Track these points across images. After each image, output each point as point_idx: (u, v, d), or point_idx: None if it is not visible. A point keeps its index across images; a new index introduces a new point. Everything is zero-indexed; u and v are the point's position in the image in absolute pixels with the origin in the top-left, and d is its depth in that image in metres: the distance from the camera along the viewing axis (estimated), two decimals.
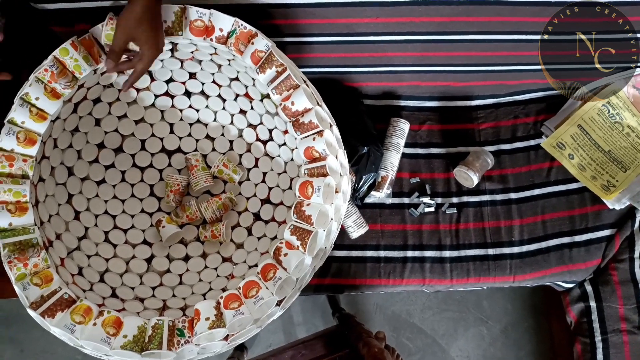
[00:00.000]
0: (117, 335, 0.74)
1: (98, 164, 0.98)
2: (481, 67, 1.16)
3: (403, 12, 1.01)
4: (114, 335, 0.74)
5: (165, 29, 0.81)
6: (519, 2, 1.02)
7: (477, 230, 1.14)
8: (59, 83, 0.78)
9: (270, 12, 1.00)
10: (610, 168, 1.17)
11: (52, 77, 0.77)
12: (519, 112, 1.23)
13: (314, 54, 1.09)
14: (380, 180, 1.11)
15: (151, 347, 0.74)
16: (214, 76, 0.99)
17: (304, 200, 0.82)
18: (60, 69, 0.77)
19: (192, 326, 0.77)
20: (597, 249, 1.15)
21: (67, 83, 0.79)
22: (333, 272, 1.09)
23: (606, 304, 1.14)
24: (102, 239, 0.95)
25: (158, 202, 1.02)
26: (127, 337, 0.74)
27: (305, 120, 0.82)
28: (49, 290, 0.75)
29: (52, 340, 1.56)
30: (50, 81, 0.77)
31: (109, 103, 0.97)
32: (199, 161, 1.02)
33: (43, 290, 0.74)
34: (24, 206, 0.76)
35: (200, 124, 1.05)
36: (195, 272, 0.96)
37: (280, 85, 0.83)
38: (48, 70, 0.77)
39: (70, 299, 0.75)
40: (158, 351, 0.74)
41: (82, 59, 0.79)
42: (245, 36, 0.83)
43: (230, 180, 1.04)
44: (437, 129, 1.21)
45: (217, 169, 1.02)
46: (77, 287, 0.82)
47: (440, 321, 1.62)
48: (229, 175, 1.02)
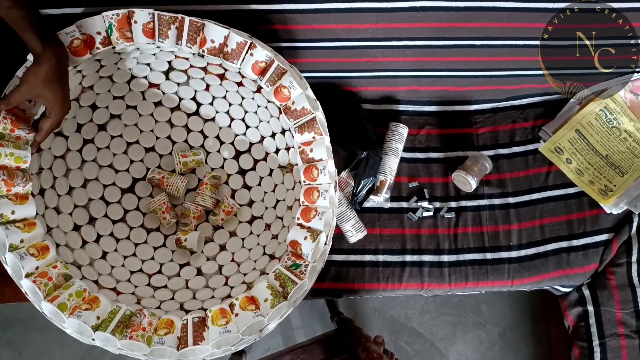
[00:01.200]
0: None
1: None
2: (479, 72, 1.16)
3: (402, 18, 1.01)
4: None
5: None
6: (516, 8, 1.03)
7: (476, 234, 1.14)
8: (17, 185, 0.75)
9: (269, 17, 1.00)
10: (607, 172, 1.18)
11: (7, 185, 0.74)
12: (517, 116, 1.23)
13: (313, 59, 1.10)
14: (379, 184, 1.11)
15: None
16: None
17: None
18: (7, 174, 0.74)
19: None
20: (594, 253, 1.15)
21: (23, 181, 0.76)
22: (332, 276, 1.09)
23: (604, 308, 1.14)
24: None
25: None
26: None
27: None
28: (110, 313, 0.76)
29: (50, 344, 1.57)
30: (9, 189, 0.75)
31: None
32: (161, 172, 1.02)
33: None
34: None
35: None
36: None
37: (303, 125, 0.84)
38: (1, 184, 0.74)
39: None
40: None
41: (15, 148, 0.75)
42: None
43: (198, 164, 1.05)
44: (435, 133, 1.21)
45: (180, 165, 1.02)
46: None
47: (438, 325, 1.62)
48: (194, 161, 1.04)
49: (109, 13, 0.81)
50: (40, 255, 0.74)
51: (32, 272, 0.73)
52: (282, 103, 0.85)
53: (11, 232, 0.72)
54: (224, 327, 0.73)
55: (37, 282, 0.71)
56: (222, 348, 0.74)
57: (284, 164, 1.02)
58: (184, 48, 0.83)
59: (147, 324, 0.74)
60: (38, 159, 0.85)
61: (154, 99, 1.03)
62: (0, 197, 0.73)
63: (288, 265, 0.81)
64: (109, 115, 0.99)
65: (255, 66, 0.84)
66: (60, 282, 0.75)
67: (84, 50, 0.81)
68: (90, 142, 0.98)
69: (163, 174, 1.01)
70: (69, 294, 0.73)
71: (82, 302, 0.74)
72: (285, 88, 0.83)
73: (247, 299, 0.77)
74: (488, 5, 1.02)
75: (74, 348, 1.54)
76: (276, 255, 0.93)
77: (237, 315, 0.75)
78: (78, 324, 0.71)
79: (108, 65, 0.90)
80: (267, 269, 0.91)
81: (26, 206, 0.76)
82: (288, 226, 0.95)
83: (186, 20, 0.81)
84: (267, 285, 0.78)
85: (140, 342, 0.72)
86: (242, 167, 1.07)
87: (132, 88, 0.99)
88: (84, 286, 0.77)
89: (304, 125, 0.84)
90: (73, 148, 0.95)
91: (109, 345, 0.74)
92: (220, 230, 1.03)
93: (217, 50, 0.84)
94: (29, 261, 0.72)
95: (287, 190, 1.00)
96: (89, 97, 0.94)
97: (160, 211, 0.99)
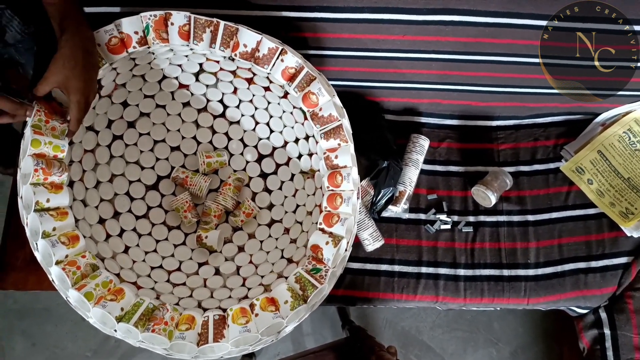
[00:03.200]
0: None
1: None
2: (503, 88, 1.17)
3: (430, 31, 1.02)
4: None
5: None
6: (544, 26, 1.03)
7: (493, 250, 1.14)
8: (54, 174, 0.77)
9: (299, 25, 1.02)
10: (629, 195, 1.17)
11: (45, 173, 0.76)
12: (539, 134, 1.23)
13: (339, 67, 1.11)
14: (398, 195, 1.12)
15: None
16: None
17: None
18: (45, 163, 0.76)
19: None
20: (613, 275, 1.14)
21: (59, 170, 0.78)
22: (347, 283, 1.10)
23: (621, 332, 1.13)
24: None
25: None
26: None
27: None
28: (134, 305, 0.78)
29: (64, 335, 1.59)
30: (46, 178, 0.76)
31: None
32: (185, 172, 1.04)
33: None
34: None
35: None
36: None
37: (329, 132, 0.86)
38: (37, 170, 0.75)
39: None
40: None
41: (53, 137, 0.77)
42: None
43: (221, 165, 1.06)
44: (456, 147, 1.21)
45: (204, 165, 1.04)
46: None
47: (449, 340, 1.61)
48: (217, 162, 1.05)
49: (147, 14, 0.83)
50: (70, 244, 0.76)
51: (62, 260, 0.74)
52: (310, 109, 0.87)
53: (45, 220, 0.74)
54: (244, 327, 0.74)
55: (66, 270, 0.73)
56: (240, 347, 0.75)
57: (306, 169, 1.03)
58: (217, 51, 0.85)
59: (169, 318, 0.76)
60: (69, 151, 0.87)
61: (183, 99, 1.05)
62: (37, 184, 0.75)
63: (308, 269, 0.81)
64: (138, 113, 1.02)
65: (285, 72, 0.86)
66: (88, 272, 0.77)
67: (120, 48, 0.83)
68: (119, 138, 1.00)
69: (187, 174, 1.03)
70: (96, 284, 0.75)
71: (108, 292, 0.76)
72: (313, 94, 0.85)
73: (268, 299, 0.78)
74: (516, 23, 1.03)
75: (87, 341, 1.55)
76: (294, 260, 0.94)
77: (257, 315, 0.76)
78: (102, 314, 0.73)
79: (142, 64, 0.93)
80: (284, 272, 0.92)
81: (60, 195, 0.78)
82: (307, 231, 0.96)
83: (221, 24, 0.83)
84: (287, 288, 0.79)
85: (162, 335, 0.73)
86: (264, 171, 1.09)
87: (163, 88, 1.02)
88: (110, 277, 0.78)
89: (330, 131, 0.85)
90: (102, 143, 0.97)
91: (130, 337, 0.75)
92: (239, 232, 1.05)
93: (249, 54, 0.85)
94: (59, 249, 0.74)
95: (308, 195, 1.01)
96: (121, 94, 0.97)
97: (182, 209, 1.01)
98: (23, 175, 0.76)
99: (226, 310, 0.79)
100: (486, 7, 0.99)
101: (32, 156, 0.74)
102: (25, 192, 0.75)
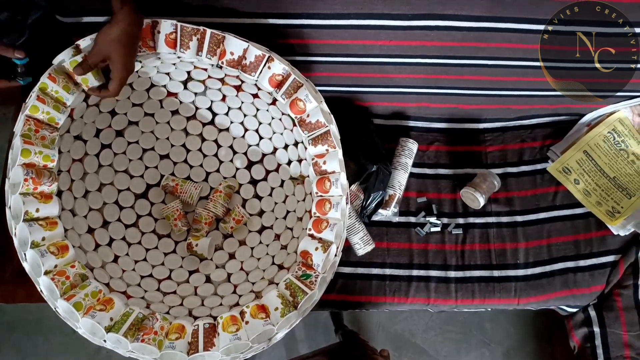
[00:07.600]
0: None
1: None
2: (490, 91, 1.18)
3: (416, 36, 1.03)
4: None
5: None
6: (528, 30, 1.04)
7: (483, 251, 1.15)
8: (44, 184, 0.77)
9: (286, 32, 1.03)
10: (615, 194, 1.18)
11: (35, 183, 0.76)
12: (526, 136, 1.25)
13: (327, 73, 1.12)
14: (388, 198, 1.13)
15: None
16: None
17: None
18: (35, 172, 0.76)
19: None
20: (601, 274, 1.15)
21: (49, 180, 0.78)
22: (339, 288, 1.10)
23: (610, 330, 1.14)
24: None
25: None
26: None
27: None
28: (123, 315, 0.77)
29: (55, 347, 1.57)
30: (36, 188, 0.76)
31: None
32: (175, 180, 1.04)
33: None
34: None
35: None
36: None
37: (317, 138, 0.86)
38: (27, 179, 0.75)
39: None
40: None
41: (43, 146, 0.77)
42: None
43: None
44: (444, 150, 1.22)
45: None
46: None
47: (442, 342, 1.61)
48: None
49: None
50: (59, 254, 0.75)
51: (51, 270, 0.74)
52: (297, 115, 0.87)
53: (34, 230, 0.73)
54: (234, 334, 0.74)
55: (55, 280, 0.73)
56: (231, 355, 0.75)
57: (296, 175, 1.03)
58: (204, 59, 0.85)
59: (159, 327, 0.75)
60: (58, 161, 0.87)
61: (172, 107, 1.05)
62: (27, 194, 0.75)
63: (298, 275, 0.81)
64: (127, 121, 1.02)
65: (272, 79, 0.87)
66: (77, 282, 0.77)
67: None
68: (108, 147, 1.00)
69: (177, 181, 1.03)
70: (85, 294, 0.74)
71: (97, 302, 0.75)
72: (300, 101, 0.85)
73: (258, 307, 0.78)
74: (500, 27, 1.04)
75: (78, 353, 1.53)
76: (285, 266, 0.94)
77: (248, 322, 0.76)
78: (91, 324, 0.72)
79: None
80: (275, 278, 0.92)
81: (50, 205, 0.77)
82: (297, 237, 0.97)
83: (207, 32, 0.83)
84: (277, 294, 0.79)
85: (151, 345, 0.72)
86: (254, 177, 1.09)
87: (151, 96, 1.02)
88: (99, 287, 0.78)
89: (317, 137, 0.86)
90: (91, 152, 0.97)
91: (119, 348, 0.74)
92: (229, 239, 1.04)
93: (236, 62, 0.86)
94: (48, 259, 0.73)
95: (298, 201, 1.01)
96: (109, 103, 0.97)
97: (172, 218, 1.01)
98: (12, 185, 0.76)
99: (216, 318, 0.79)
100: (470, 12, 1.01)
101: (22, 166, 0.74)
102: (14, 201, 0.75)
